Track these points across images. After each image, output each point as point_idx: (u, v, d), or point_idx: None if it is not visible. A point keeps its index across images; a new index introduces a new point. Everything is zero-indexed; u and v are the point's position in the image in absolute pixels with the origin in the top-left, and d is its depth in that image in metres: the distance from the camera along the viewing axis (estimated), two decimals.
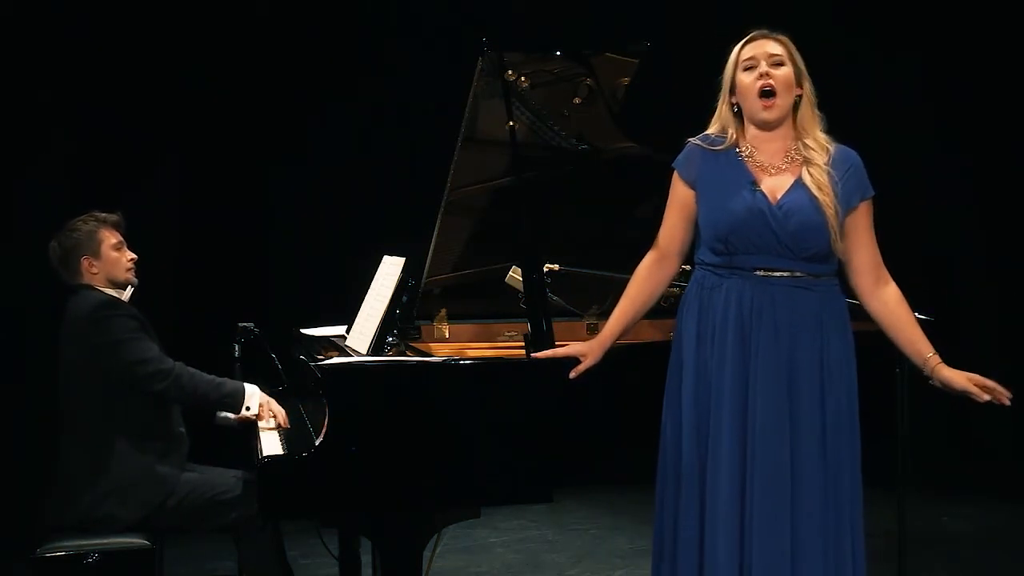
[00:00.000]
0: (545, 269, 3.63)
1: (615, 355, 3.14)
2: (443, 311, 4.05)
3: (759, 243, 2.90)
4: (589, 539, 5.46)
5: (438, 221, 3.82)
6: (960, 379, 2.98)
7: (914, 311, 3.43)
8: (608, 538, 5.47)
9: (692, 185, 3.00)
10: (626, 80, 3.83)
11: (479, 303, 4.10)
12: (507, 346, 3.89)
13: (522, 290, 3.50)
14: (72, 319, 3.56)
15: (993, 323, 6.92)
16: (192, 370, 3.55)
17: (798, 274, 2.91)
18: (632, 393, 3.23)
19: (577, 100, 3.79)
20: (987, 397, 2.97)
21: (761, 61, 2.92)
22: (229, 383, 3.60)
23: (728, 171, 2.96)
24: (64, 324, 3.58)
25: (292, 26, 6.43)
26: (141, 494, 3.48)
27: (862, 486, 2.95)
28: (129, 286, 3.68)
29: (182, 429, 3.67)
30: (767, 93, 2.90)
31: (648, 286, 3.09)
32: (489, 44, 3.47)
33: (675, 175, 3.04)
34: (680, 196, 3.03)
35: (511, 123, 3.46)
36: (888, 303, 3.01)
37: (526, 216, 3.36)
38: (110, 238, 3.64)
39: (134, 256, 3.69)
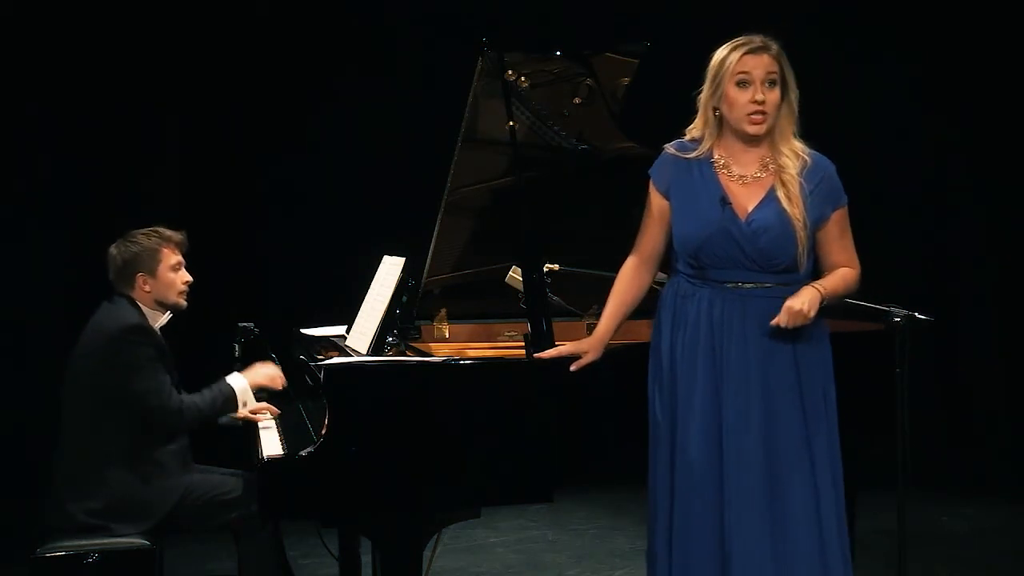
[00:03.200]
0: (545, 269, 3.63)
1: (614, 355, 3.15)
2: (443, 311, 4.05)
3: (728, 259, 2.94)
4: (589, 539, 5.46)
5: (438, 221, 3.82)
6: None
7: (914, 311, 3.44)
8: (608, 538, 5.46)
9: (665, 195, 3.04)
10: (626, 80, 3.83)
11: (479, 303, 4.10)
12: (507, 346, 3.89)
13: (522, 290, 3.49)
14: (96, 329, 3.52)
15: (993, 323, 6.92)
16: (189, 402, 3.53)
17: (768, 285, 2.95)
18: (631, 392, 3.22)
19: (577, 100, 3.78)
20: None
21: (757, 80, 2.91)
22: (220, 396, 3.59)
23: (699, 183, 2.99)
24: (87, 329, 3.54)
25: (291, 25, 6.42)
26: (134, 515, 3.46)
27: (843, 486, 3.01)
28: (169, 311, 3.64)
29: (186, 441, 3.64)
30: (759, 113, 2.91)
31: (632, 289, 3.14)
32: (489, 44, 3.47)
33: (650, 183, 3.08)
34: (656, 205, 3.07)
35: (511, 123, 3.46)
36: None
37: (526, 216, 3.36)
38: (170, 258, 3.60)
39: (189, 279, 3.65)
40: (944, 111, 6.76)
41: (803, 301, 2.88)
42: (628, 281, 3.12)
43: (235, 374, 3.68)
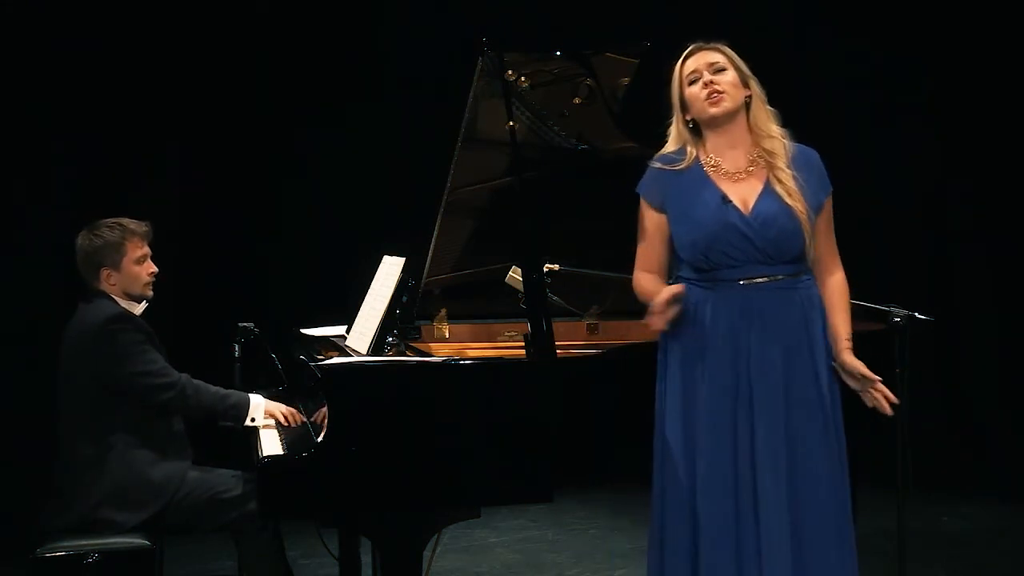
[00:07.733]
0: (545, 269, 3.63)
1: (615, 355, 3.15)
2: (443, 311, 4.05)
3: (738, 255, 2.94)
4: (589, 539, 5.46)
5: (438, 221, 3.82)
6: (858, 366, 2.99)
7: (914, 312, 3.44)
8: (608, 538, 5.46)
9: (661, 209, 3.04)
10: (626, 80, 3.83)
11: (479, 303, 4.10)
12: (507, 346, 3.90)
13: (522, 290, 3.50)
14: (80, 328, 3.52)
15: (993, 323, 6.92)
16: (197, 383, 3.54)
17: (779, 277, 2.97)
18: (632, 393, 3.23)
19: (577, 100, 3.79)
20: (873, 401, 3.00)
21: (703, 71, 2.99)
22: (234, 396, 3.58)
23: (694, 187, 3.00)
24: (70, 330, 3.54)
25: (292, 26, 6.42)
26: (138, 500, 3.46)
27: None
28: (144, 300, 3.63)
29: (181, 427, 3.64)
30: (714, 93, 2.96)
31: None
32: (489, 44, 3.47)
33: (642, 201, 3.07)
34: (652, 221, 3.06)
35: (511, 123, 3.46)
36: (830, 288, 3.05)
37: (526, 216, 3.36)
38: (135, 251, 3.57)
39: (155, 270, 3.62)
40: (945, 111, 6.76)
41: (861, 366, 2.96)
42: (653, 278, 3.07)
43: (259, 395, 3.67)
